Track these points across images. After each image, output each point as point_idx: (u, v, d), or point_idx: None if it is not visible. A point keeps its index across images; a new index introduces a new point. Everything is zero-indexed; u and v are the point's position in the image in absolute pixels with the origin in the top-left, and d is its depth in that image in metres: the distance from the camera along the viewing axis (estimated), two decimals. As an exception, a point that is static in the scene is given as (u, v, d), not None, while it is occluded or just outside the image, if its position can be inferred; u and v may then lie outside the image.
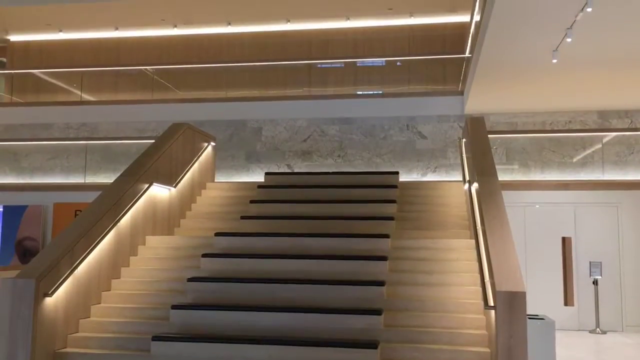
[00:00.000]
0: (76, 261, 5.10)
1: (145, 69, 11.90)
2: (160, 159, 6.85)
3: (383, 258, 5.54)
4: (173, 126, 7.60)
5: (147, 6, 11.48)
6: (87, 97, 12.27)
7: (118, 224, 5.87)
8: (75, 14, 11.85)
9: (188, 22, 12.28)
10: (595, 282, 8.64)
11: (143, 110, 11.24)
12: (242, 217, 6.81)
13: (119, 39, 12.79)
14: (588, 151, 10.01)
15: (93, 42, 12.89)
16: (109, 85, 12.61)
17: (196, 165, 7.98)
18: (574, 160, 10.03)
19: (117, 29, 12.54)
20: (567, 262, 8.28)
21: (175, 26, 12.39)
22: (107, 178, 10.57)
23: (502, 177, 8.04)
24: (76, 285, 5.13)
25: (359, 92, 11.94)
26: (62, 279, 4.87)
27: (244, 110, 10.99)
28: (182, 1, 11.30)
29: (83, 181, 10.72)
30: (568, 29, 6.21)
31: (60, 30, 12.67)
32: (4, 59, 13.36)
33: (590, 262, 8.77)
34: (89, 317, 5.30)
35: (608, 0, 5.47)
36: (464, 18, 10.87)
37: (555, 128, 10.26)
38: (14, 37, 13.11)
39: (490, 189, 5.33)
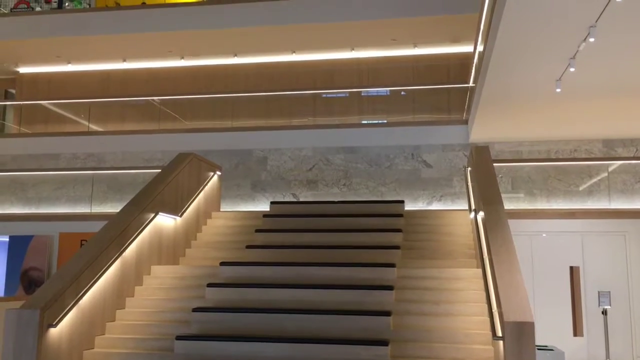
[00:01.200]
0: (81, 292, 5.09)
1: (152, 100, 12.03)
2: (166, 189, 6.88)
3: (389, 287, 5.50)
4: (179, 156, 7.65)
5: (155, 38, 11.66)
6: (94, 127, 12.38)
7: (123, 253, 5.87)
8: (84, 46, 12.04)
9: (195, 54, 12.45)
10: (604, 312, 8.53)
11: (150, 140, 11.32)
12: (248, 247, 6.80)
13: (127, 70, 12.96)
14: (594, 180, 9.99)
15: (101, 74, 13.06)
16: (116, 115, 12.74)
17: (202, 194, 8.00)
18: (580, 188, 10.00)
19: (125, 60, 12.72)
20: (575, 291, 8.18)
21: (182, 57, 12.56)
22: (113, 208, 10.60)
23: (508, 205, 8.02)
24: (81, 316, 5.10)
25: (364, 122, 12.01)
26: (66, 310, 4.85)
27: (250, 139, 11.05)
28: (189, 34, 11.48)
29: (89, 211, 10.75)
30: (571, 58, 6.26)
31: (69, 62, 12.86)
32: (13, 91, 13.54)
33: (599, 292, 8.67)
34: (93, 348, 5.26)
35: (610, 30, 5.52)
36: (467, 48, 10.98)
37: (561, 157, 10.26)
38: (23, 69, 13.31)
39: (496, 218, 5.31)
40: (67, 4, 13.17)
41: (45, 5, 13.27)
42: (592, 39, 5.53)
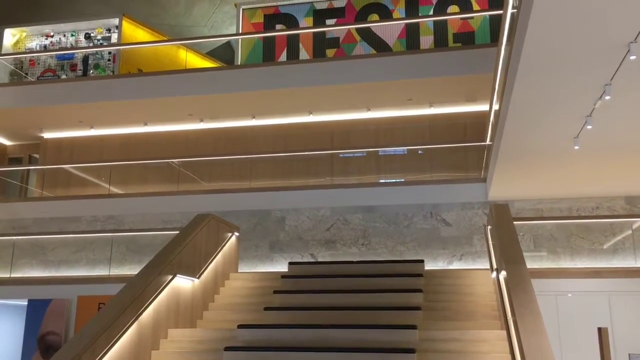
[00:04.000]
0: (97, 356, 5.01)
1: (172, 162, 12.20)
2: (184, 250, 6.87)
3: (411, 351, 5.35)
4: (197, 217, 7.68)
5: (175, 102, 11.94)
6: (114, 190, 12.55)
7: (140, 317, 5.81)
8: (107, 111, 12.35)
9: (214, 117, 12.69)
10: (637, 376, 8.17)
11: (169, 202, 11.42)
12: (266, 309, 6.70)
13: (148, 134, 13.22)
14: (618, 237, 9.78)
15: (123, 137, 13.34)
16: (137, 177, 12.92)
17: (220, 255, 7.98)
18: (605, 247, 9.78)
19: (146, 124, 13.00)
20: (604, 354, 7.87)
21: (202, 120, 12.80)
22: (131, 270, 10.59)
23: (531, 264, 7.84)
24: (96, 382, 5.01)
25: (381, 181, 12.02)
26: (82, 376, 4.77)
27: (268, 200, 11.09)
28: (208, 97, 11.74)
29: (108, 273, 10.75)
30: (588, 116, 6.26)
31: (92, 127, 13.17)
32: (37, 155, 13.85)
33: (629, 355, 8.33)
34: (108, 416, 5.13)
35: (626, 87, 5.54)
36: (483, 107, 11.05)
37: (582, 214, 10.10)
38: (47, 135, 13.64)
39: (519, 278, 5.19)
40: (91, 71, 13.64)
41: (71, 73, 13.75)
42: (608, 97, 5.54)
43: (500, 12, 6.47)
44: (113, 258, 10.96)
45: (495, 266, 6.54)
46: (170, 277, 6.44)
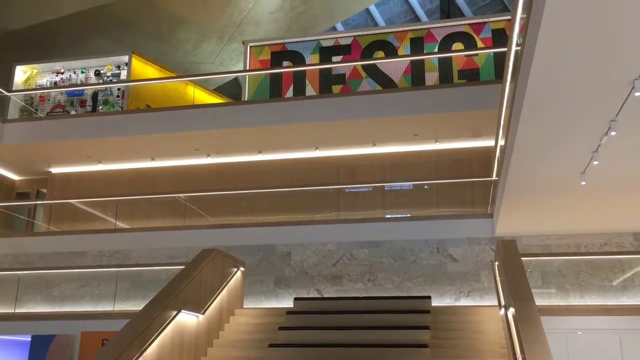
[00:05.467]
0: (99, 394, 4.94)
1: (179, 197, 12.24)
2: (189, 286, 6.83)
3: (418, 390, 5.24)
4: (203, 252, 7.66)
5: (182, 138, 12.05)
6: (121, 224, 12.56)
7: (144, 353, 5.74)
8: (115, 146, 12.47)
9: (221, 152, 12.78)
10: (651, 417, 7.95)
11: (175, 237, 11.40)
12: (271, 345, 6.62)
13: (155, 169, 13.30)
14: (628, 274, 9.66)
15: (130, 172, 13.42)
16: (143, 212, 12.94)
17: (225, 291, 7.92)
18: (614, 283, 9.66)
19: (153, 159, 13.09)
20: (617, 394, 7.69)
21: (209, 155, 12.89)
22: (136, 305, 10.50)
23: (539, 301, 7.73)
24: (98, 421, 4.93)
25: (387, 216, 11.98)
26: (83, 414, 4.69)
27: (273, 234, 11.06)
28: (215, 133, 11.84)
29: (112, 309, 10.67)
30: (594, 152, 6.26)
31: (100, 162, 13.28)
32: (44, 190, 13.93)
33: (643, 394, 8.12)
34: None
35: (632, 123, 5.54)
36: (489, 142, 11.07)
37: (591, 250, 10.00)
38: (55, 169, 13.75)
39: (527, 315, 5.12)
40: (100, 107, 13.81)
41: (80, 109, 13.93)
42: (613, 133, 5.55)
43: (504, 49, 6.55)
44: (118, 293, 10.89)
45: (503, 303, 6.46)
46: (175, 312, 6.39)
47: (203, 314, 7.11)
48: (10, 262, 11.88)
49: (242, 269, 8.64)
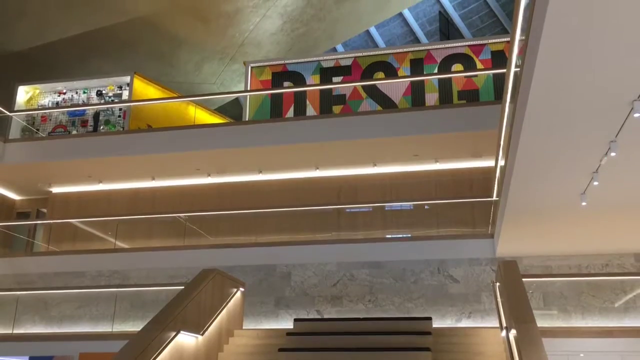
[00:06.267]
0: (97, 417, 4.88)
1: (179, 216, 12.22)
2: (188, 306, 6.79)
3: (419, 413, 5.18)
4: (203, 272, 7.63)
5: (183, 157, 12.07)
6: (120, 244, 12.52)
7: (142, 375, 5.69)
8: (116, 166, 12.48)
9: (221, 171, 12.79)
10: None
11: (175, 257, 11.37)
12: (270, 368, 6.55)
13: (155, 188, 13.31)
14: (629, 296, 9.60)
15: (130, 192, 13.42)
16: (143, 232, 12.91)
17: (224, 311, 7.87)
18: (616, 305, 9.59)
19: (153, 178, 13.10)
20: (621, 417, 7.60)
21: (209, 175, 12.90)
22: (135, 326, 10.43)
23: (541, 323, 7.68)
24: None
25: (388, 236, 11.95)
26: None
27: (274, 255, 11.02)
28: (215, 152, 11.87)
29: (111, 330, 10.60)
30: (594, 172, 6.26)
31: (101, 182, 13.29)
32: (45, 210, 13.91)
33: (646, 418, 8.02)
34: None
35: (632, 144, 5.56)
36: (489, 163, 11.10)
37: (592, 271, 9.95)
38: (56, 189, 13.75)
39: (529, 337, 5.08)
40: (102, 127, 13.86)
41: (82, 129, 13.98)
42: (613, 154, 5.56)
43: (504, 70, 6.59)
44: (117, 314, 10.82)
45: (504, 324, 6.41)
46: (174, 333, 6.34)
47: (202, 334, 7.06)
48: (10, 282, 11.83)
49: (241, 289, 8.60)
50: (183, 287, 7.32)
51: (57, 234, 13.27)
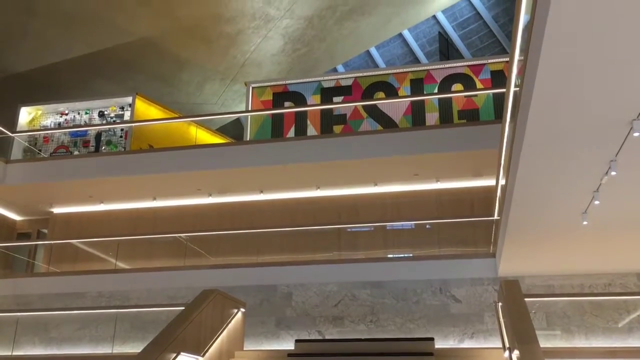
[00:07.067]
0: None
1: (180, 236, 12.20)
2: (188, 327, 6.75)
3: None
4: (203, 293, 7.60)
5: (184, 178, 12.09)
6: (121, 264, 12.49)
7: (142, 398, 5.63)
8: (117, 186, 12.50)
9: (222, 191, 12.80)
10: None
11: (175, 277, 11.32)
12: (271, 390, 6.49)
13: (156, 208, 13.30)
14: (633, 315, 9.53)
15: (131, 212, 13.41)
16: (143, 252, 12.88)
17: (225, 332, 7.82)
18: (619, 325, 9.52)
19: (155, 199, 13.10)
20: None
21: (210, 195, 12.91)
22: (135, 348, 10.36)
23: (544, 343, 7.63)
24: None
25: (389, 255, 11.91)
26: None
27: (275, 275, 10.97)
28: (218, 173, 11.89)
29: (111, 351, 10.52)
30: (595, 191, 6.26)
31: (102, 202, 13.29)
32: (46, 230, 13.90)
33: None
34: None
35: (632, 163, 5.56)
36: (490, 182, 11.10)
37: (595, 291, 9.89)
38: (57, 210, 13.75)
39: (532, 358, 5.04)
40: (103, 147, 13.91)
41: (83, 149, 14.03)
42: (614, 173, 5.56)
43: (503, 90, 6.63)
44: (117, 335, 10.75)
45: (507, 345, 6.36)
46: (174, 355, 6.30)
47: (203, 356, 7.00)
48: (10, 303, 11.78)
49: (242, 309, 8.55)
50: (183, 308, 7.28)
51: (58, 255, 13.24)
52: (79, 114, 14.61)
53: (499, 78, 13.17)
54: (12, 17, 14.56)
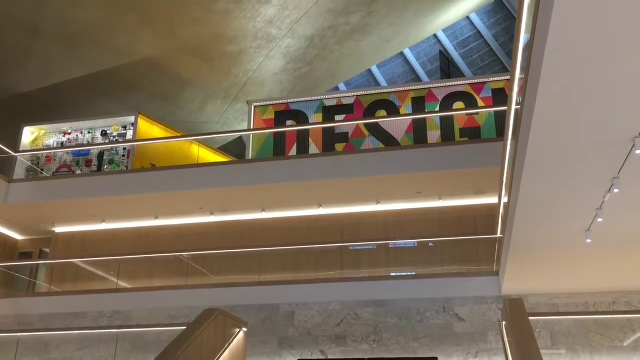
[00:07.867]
0: None
1: (182, 255, 12.17)
2: (190, 347, 6.70)
3: None
4: (205, 312, 7.55)
5: (186, 196, 12.09)
6: (123, 284, 12.44)
7: (143, 419, 5.57)
8: (119, 205, 12.50)
9: (224, 210, 12.78)
10: None
11: (177, 296, 11.26)
12: (273, 411, 6.41)
13: (158, 227, 13.28)
14: (638, 334, 9.44)
15: (133, 231, 13.39)
16: (145, 271, 12.83)
17: (227, 352, 7.76)
18: (625, 344, 9.42)
19: (157, 217, 13.09)
20: None
21: (212, 213, 12.89)
22: (136, 368, 10.27)
23: (549, 362, 7.54)
24: None
25: (392, 274, 11.85)
26: None
27: (277, 294, 10.91)
28: (220, 191, 11.89)
29: (111, 372, 10.44)
30: (598, 209, 6.23)
31: (104, 221, 13.28)
32: (47, 250, 13.87)
33: None
34: None
35: (635, 180, 5.55)
36: (492, 200, 11.08)
37: (600, 309, 9.81)
38: (59, 229, 13.74)
39: (537, 378, 4.97)
40: (106, 166, 13.94)
41: (86, 169, 14.06)
42: (617, 190, 5.55)
43: (505, 108, 6.63)
44: (118, 355, 10.67)
45: (512, 365, 6.29)
46: (176, 376, 6.24)
47: (204, 377, 6.94)
48: (11, 323, 11.71)
49: (244, 329, 8.49)
50: (185, 328, 7.23)
51: (59, 274, 13.20)
52: (81, 133, 14.67)
53: (500, 96, 13.22)
54: (16, 38, 14.70)
